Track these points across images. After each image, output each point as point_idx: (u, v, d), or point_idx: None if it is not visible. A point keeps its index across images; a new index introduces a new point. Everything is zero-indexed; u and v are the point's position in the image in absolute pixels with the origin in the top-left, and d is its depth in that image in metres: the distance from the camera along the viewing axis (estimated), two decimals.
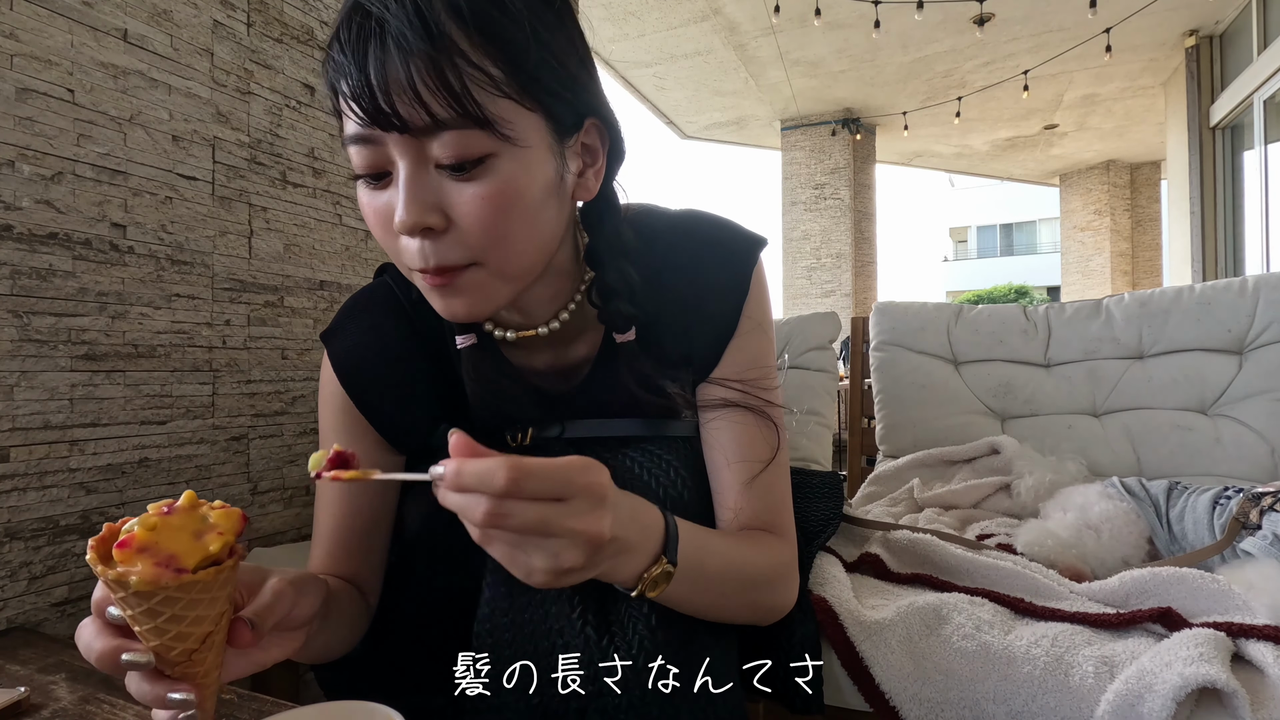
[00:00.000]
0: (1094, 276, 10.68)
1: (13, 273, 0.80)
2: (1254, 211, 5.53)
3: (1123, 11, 5.74)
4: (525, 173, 0.50)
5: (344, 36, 0.47)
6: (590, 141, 0.56)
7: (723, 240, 0.65)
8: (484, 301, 0.53)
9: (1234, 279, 1.33)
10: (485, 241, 0.50)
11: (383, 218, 0.50)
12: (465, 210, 0.49)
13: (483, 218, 0.49)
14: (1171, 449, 1.28)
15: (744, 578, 0.57)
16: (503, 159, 0.49)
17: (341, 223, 1.21)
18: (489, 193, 0.49)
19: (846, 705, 0.72)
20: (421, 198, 0.48)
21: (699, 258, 0.64)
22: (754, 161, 36.27)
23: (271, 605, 0.46)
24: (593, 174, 0.57)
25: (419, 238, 0.50)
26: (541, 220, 0.53)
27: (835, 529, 0.93)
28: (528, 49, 0.49)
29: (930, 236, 25.18)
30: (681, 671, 0.55)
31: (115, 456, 0.90)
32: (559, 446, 0.62)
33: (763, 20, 6.04)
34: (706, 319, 0.63)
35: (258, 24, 1.08)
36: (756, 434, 0.62)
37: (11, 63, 0.80)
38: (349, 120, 0.48)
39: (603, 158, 0.58)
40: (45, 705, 0.59)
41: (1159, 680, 0.57)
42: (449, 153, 0.47)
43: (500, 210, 0.49)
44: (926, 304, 1.58)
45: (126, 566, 0.39)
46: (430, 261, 0.50)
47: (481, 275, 0.52)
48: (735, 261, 0.64)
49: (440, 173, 0.48)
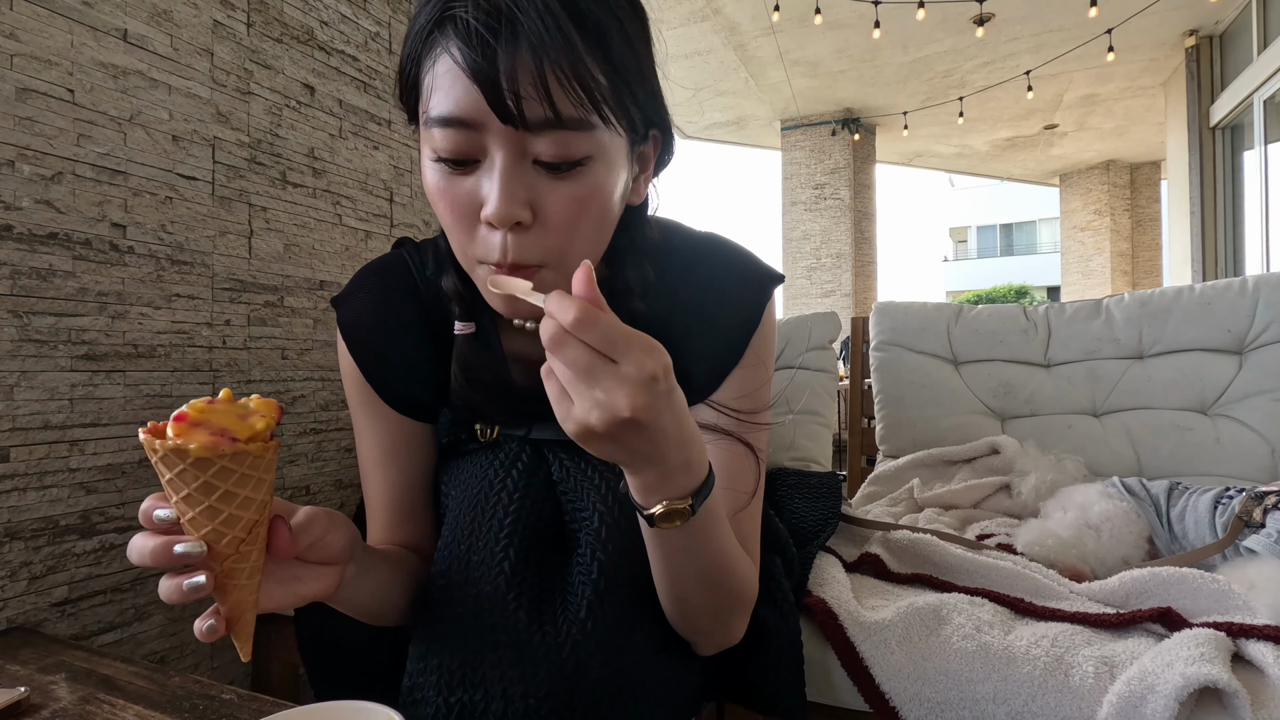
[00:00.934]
0: (1094, 276, 10.69)
1: (13, 273, 0.80)
2: (1254, 211, 5.53)
3: (1123, 11, 5.74)
4: (610, 178, 0.51)
5: (463, 21, 0.46)
6: (648, 150, 0.58)
7: (741, 270, 0.65)
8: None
9: (1234, 279, 1.33)
10: (563, 242, 0.51)
11: (461, 204, 0.50)
12: (555, 209, 0.50)
13: (570, 217, 0.50)
14: (1171, 449, 1.28)
15: (727, 578, 0.56)
16: (597, 162, 0.50)
17: (341, 223, 1.21)
18: (580, 194, 0.50)
19: (846, 705, 0.72)
20: (517, 191, 0.48)
21: (715, 281, 0.64)
22: (754, 161, 36.31)
23: (306, 522, 0.48)
24: (644, 179, 0.59)
25: (506, 233, 0.49)
26: (609, 225, 0.55)
27: (834, 529, 0.93)
28: (629, 60, 0.50)
29: (930, 236, 25.19)
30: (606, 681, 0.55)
31: (115, 456, 0.90)
32: (520, 445, 0.63)
33: (763, 20, 6.04)
34: (712, 344, 0.63)
35: (258, 24, 1.08)
36: (742, 464, 0.62)
37: (11, 63, 0.80)
38: (446, 101, 0.48)
39: (653, 163, 0.59)
40: (45, 705, 0.59)
41: (1161, 681, 0.57)
42: (554, 150, 0.48)
43: (586, 212, 0.51)
44: (926, 304, 1.58)
45: (184, 439, 0.41)
46: (509, 256, 0.50)
47: (549, 278, 0.52)
48: (750, 293, 0.64)
49: (536, 168, 0.49)
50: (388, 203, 1.29)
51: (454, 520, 0.61)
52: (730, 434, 0.61)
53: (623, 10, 0.50)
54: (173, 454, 0.41)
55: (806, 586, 0.80)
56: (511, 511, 0.58)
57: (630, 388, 0.41)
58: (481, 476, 0.61)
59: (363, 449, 0.67)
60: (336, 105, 1.20)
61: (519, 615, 0.55)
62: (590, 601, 0.55)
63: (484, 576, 0.56)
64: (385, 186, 1.29)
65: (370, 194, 1.26)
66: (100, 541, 0.88)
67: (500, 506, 0.59)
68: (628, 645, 0.57)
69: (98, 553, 0.88)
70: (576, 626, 0.55)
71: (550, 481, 0.62)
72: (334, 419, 1.20)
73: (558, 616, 0.56)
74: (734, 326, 0.63)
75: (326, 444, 1.19)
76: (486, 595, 0.56)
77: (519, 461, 0.62)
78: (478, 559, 0.57)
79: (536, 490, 0.60)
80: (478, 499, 0.60)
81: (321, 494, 1.18)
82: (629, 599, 0.57)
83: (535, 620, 0.55)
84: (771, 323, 0.66)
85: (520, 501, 0.59)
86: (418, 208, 1.35)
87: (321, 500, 1.19)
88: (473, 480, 0.62)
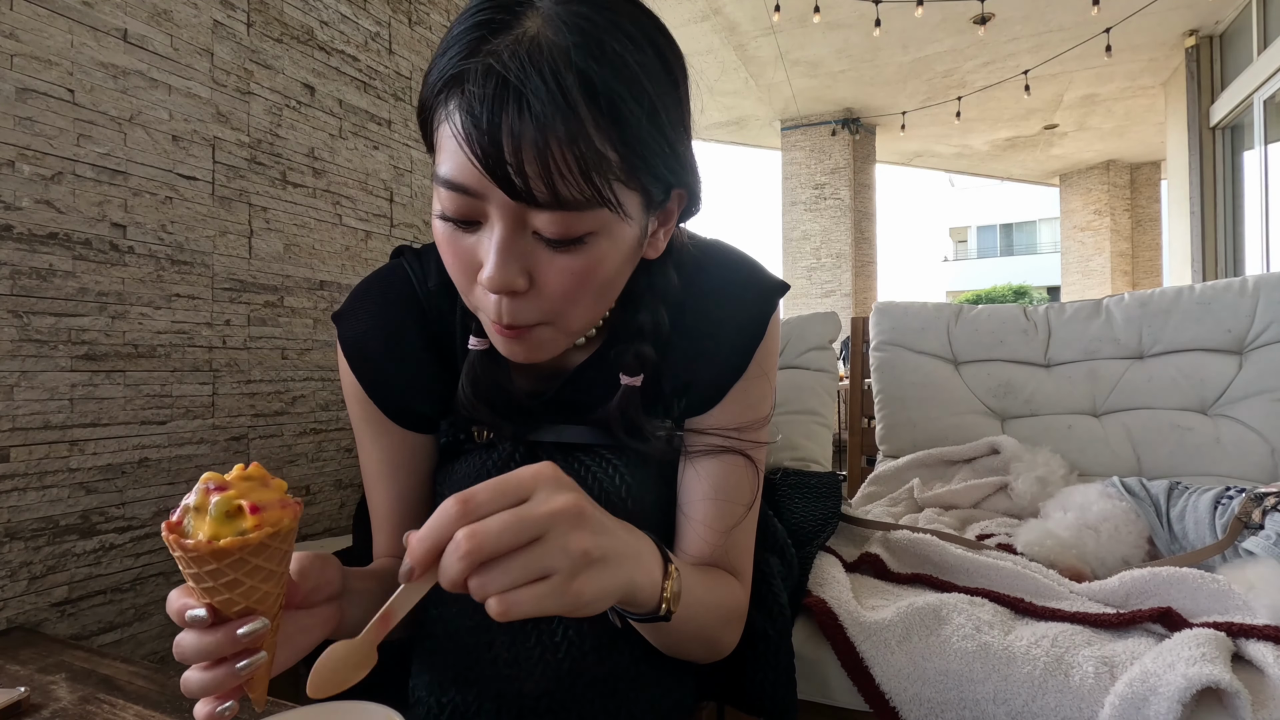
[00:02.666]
0: (1094, 276, 10.68)
1: (13, 273, 0.80)
2: (1254, 211, 5.53)
3: (1123, 11, 5.74)
4: (615, 248, 0.51)
5: (474, 90, 0.45)
6: (671, 207, 0.57)
7: (747, 278, 0.65)
8: (544, 352, 0.55)
9: (1234, 279, 1.33)
10: (560, 306, 0.51)
11: (464, 260, 0.51)
12: (552, 279, 0.49)
13: (567, 289, 0.50)
14: (1171, 449, 1.28)
15: (714, 613, 0.57)
16: (600, 237, 0.49)
17: (341, 223, 1.21)
18: (579, 268, 0.49)
19: (846, 705, 0.72)
20: (513, 262, 0.48)
21: (721, 290, 0.64)
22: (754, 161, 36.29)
23: (305, 568, 0.48)
24: (663, 233, 0.57)
25: (503, 298, 0.50)
26: (615, 286, 0.55)
27: (833, 529, 0.93)
28: (645, 134, 0.48)
29: (930, 236, 25.16)
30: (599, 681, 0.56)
31: (115, 456, 0.90)
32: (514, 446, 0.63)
33: (763, 20, 6.04)
34: (716, 352, 0.62)
35: (258, 24, 1.08)
36: (741, 476, 0.62)
37: (11, 63, 0.80)
38: (451, 165, 0.47)
39: (676, 218, 0.58)
40: (45, 705, 0.59)
41: (1163, 682, 0.57)
42: (554, 229, 0.47)
43: (584, 285, 0.50)
44: (926, 304, 1.58)
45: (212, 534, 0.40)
46: (504, 319, 0.50)
47: (549, 332, 0.53)
48: (756, 302, 0.64)
49: (535, 238, 0.48)
50: (388, 203, 1.29)
51: None
52: (729, 449, 0.61)
53: (650, 73, 0.48)
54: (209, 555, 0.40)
55: (806, 586, 0.80)
56: None
57: (561, 497, 0.41)
58: (476, 477, 0.61)
59: (366, 463, 0.67)
60: (336, 105, 1.20)
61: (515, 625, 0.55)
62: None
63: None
64: (385, 186, 1.29)
65: (370, 194, 1.26)
66: (100, 541, 0.88)
67: None
68: (622, 644, 0.57)
69: (98, 553, 0.88)
70: (572, 627, 0.55)
71: None
72: (334, 419, 1.20)
73: (553, 627, 0.56)
74: (738, 337, 0.63)
75: (326, 444, 1.19)
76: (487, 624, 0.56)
77: (511, 462, 0.61)
78: None
79: None
80: None
81: (322, 494, 1.19)
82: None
83: (531, 621, 0.55)
84: (775, 333, 0.65)
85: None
86: (418, 208, 1.35)
87: (322, 500, 1.19)
88: (467, 480, 0.61)
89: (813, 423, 1.32)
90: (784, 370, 1.38)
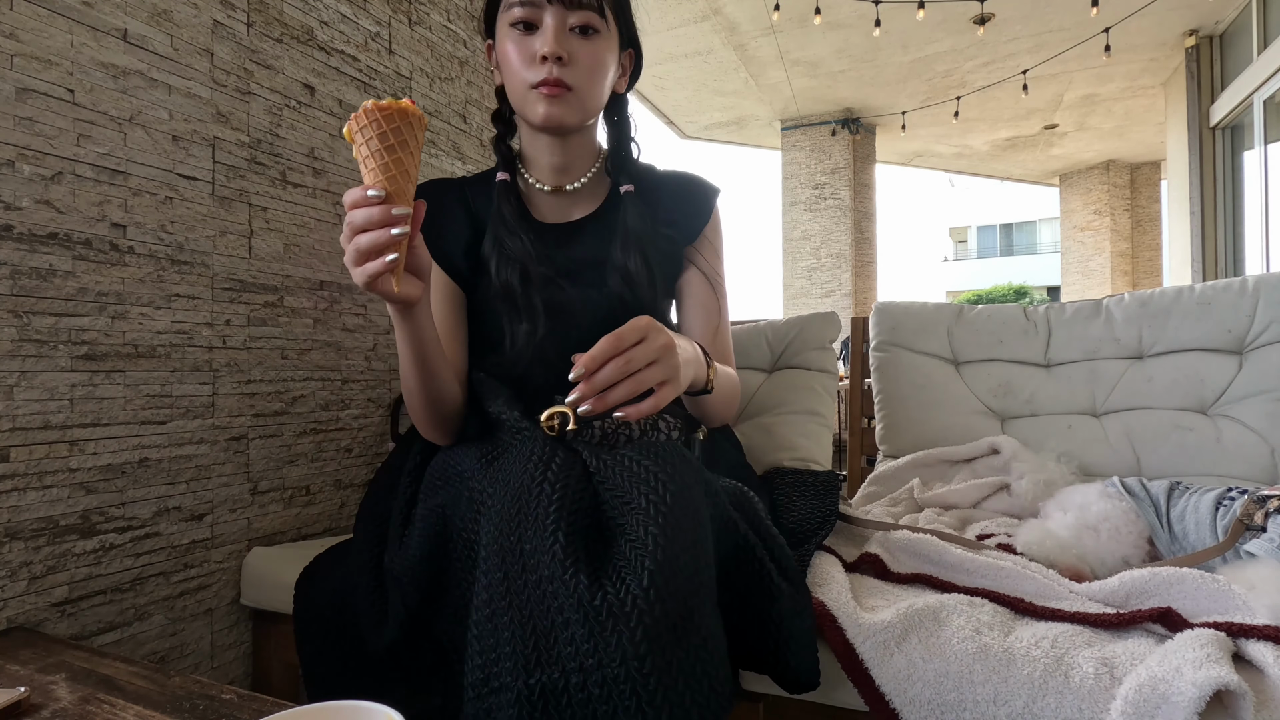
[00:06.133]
0: (1094, 276, 10.68)
1: (13, 273, 0.80)
2: (1254, 211, 5.53)
3: (1123, 11, 5.73)
4: (608, 51, 0.89)
5: None
6: (625, 62, 0.97)
7: (694, 177, 1.03)
8: (569, 114, 0.87)
9: (1234, 279, 1.32)
10: (582, 76, 0.86)
11: (527, 53, 0.86)
12: (581, 56, 0.86)
13: (589, 64, 0.87)
14: (1171, 449, 1.28)
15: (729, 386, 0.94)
16: (602, 37, 0.88)
17: (341, 222, 1.21)
18: (595, 51, 0.87)
19: (846, 706, 0.72)
20: (562, 40, 0.85)
21: (679, 178, 1.02)
22: (754, 161, 36.30)
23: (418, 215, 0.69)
24: (623, 79, 0.98)
25: (553, 63, 0.84)
26: (605, 83, 0.91)
27: (832, 527, 0.93)
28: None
29: (930, 236, 25.17)
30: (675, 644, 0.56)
31: (115, 456, 0.90)
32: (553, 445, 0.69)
33: (763, 20, 6.04)
34: (688, 204, 1.00)
35: (258, 24, 1.08)
36: (712, 298, 0.99)
37: (11, 63, 0.80)
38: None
39: (629, 74, 0.99)
40: (45, 705, 0.59)
41: (1174, 690, 0.56)
42: (581, 21, 0.86)
43: (597, 63, 0.88)
44: (926, 304, 1.58)
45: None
46: (553, 74, 0.84)
47: (573, 98, 0.87)
48: (705, 186, 1.03)
49: (570, 33, 0.86)
50: None
51: (498, 517, 0.62)
52: (705, 274, 0.99)
53: None
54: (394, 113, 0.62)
55: (805, 585, 0.80)
56: (555, 500, 0.61)
57: (663, 336, 0.70)
58: (521, 472, 0.65)
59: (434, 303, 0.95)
60: (336, 105, 1.20)
61: (579, 581, 0.56)
62: (651, 571, 0.56)
63: (540, 562, 0.58)
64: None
65: None
66: (100, 541, 0.88)
67: (544, 497, 0.62)
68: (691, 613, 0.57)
69: (98, 553, 0.88)
70: (641, 596, 0.55)
71: (587, 473, 0.66)
72: (334, 419, 1.20)
73: (619, 589, 0.56)
74: (700, 205, 1.00)
75: (326, 444, 1.19)
76: (545, 577, 0.57)
77: (555, 458, 0.66)
78: (530, 546, 0.59)
79: (576, 481, 0.64)
80: (519, 493, 0.63)
81: (322, 494, 1.19)
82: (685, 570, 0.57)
83: (597, 586, 0.56)
84: (719, 218, 1.03)
85: (562, 490, 0.62)
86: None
87: (322, 500, 1.19)
88: (512, 476, 0.65)
89: (812, 423, 1.32)
90: (784, 370, 1.38)
